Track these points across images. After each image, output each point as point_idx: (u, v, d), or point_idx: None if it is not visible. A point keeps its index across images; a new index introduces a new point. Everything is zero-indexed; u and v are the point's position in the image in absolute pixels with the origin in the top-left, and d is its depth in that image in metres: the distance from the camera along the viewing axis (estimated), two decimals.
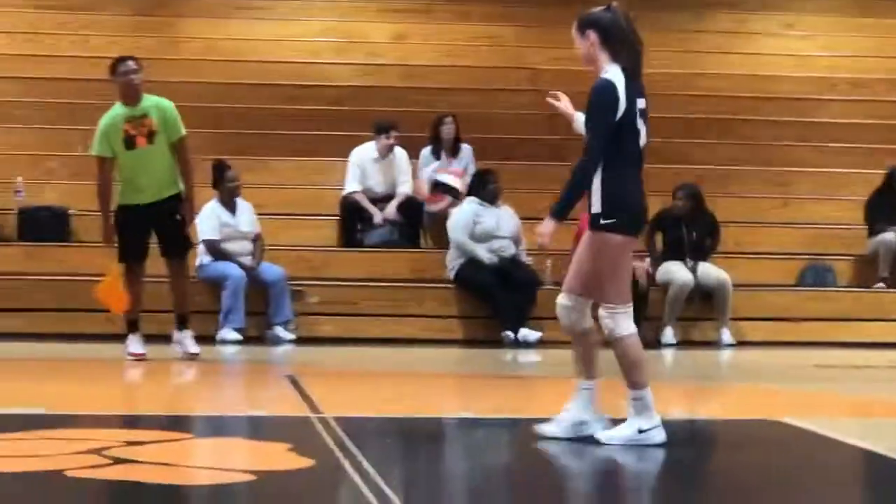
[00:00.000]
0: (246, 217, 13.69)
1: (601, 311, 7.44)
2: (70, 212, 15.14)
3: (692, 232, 15.08)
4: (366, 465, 6.60)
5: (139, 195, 11.49)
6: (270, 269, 13.48)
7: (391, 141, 15.08)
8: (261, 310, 13.52)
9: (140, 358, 11.69)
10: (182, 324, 11.82)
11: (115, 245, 11.54)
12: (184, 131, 11.68)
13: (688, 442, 8.68)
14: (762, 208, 17.05)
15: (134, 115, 11.54)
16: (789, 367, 13.54)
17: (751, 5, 20.26)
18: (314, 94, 17.70)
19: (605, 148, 7.27)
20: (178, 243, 11.68)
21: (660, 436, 7.02)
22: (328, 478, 6.77)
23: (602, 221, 7.00)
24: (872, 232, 16.07)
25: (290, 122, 16.51)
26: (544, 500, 6.61)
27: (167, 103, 11.77)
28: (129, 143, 11.46)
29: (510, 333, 13.95)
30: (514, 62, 18.84)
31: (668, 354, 14.18)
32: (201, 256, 13.23)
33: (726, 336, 14.70)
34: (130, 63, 11.63)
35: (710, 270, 14.84)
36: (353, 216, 15.36)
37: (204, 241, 13.32)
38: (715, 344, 14.73)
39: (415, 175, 15.53)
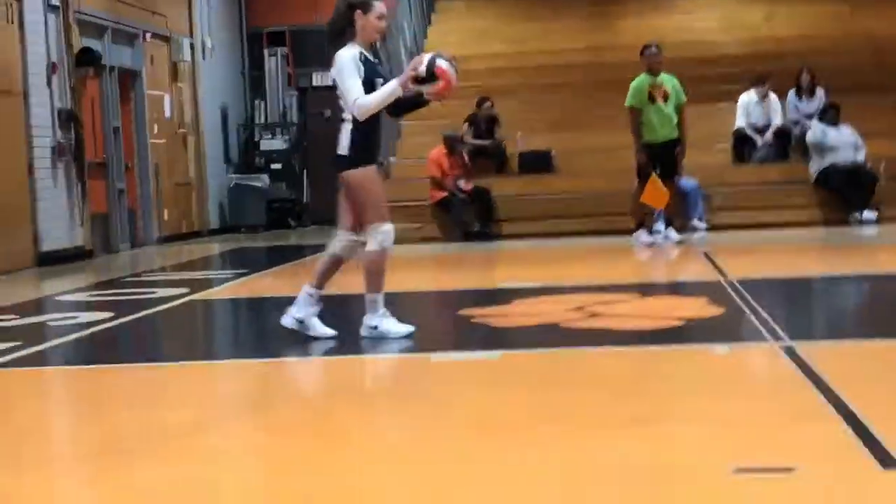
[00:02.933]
0: None
1: None
2: (552, 153, 17.22)
3: None
4: (761, 311, 7.55)
5: (654, 135, 13.44)
6: (687, 182, 14.97)
7: (766, 88, 16.77)
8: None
9: (650, 245, 13.47)
10: (669, 223, 13.84)
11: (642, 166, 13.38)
12: (685, 98, 13.73)
13: None
14: None
15: (654, 83, 13.55)
16: None
17: None
18: (714, 62, 18.87)
19: None
20: (673, 170, 13.60)
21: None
22: (735, 319, 7.73)
23: None
24: None
25: (701, 81, 17.16)
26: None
27: (676, 78, 13.76)
28: (652, 99, 13.49)
29: (857, 214, 15.54)
30: (853, 30, 19.74)
31: None
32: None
33: None
34: (654, 48, 13.66)
35: None
36: (742, 142, 17.02)
37: None
38: None
39: (784, 112, 17.02)
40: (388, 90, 6.79)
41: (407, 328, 7.02)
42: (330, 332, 7.10)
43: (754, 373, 6.05)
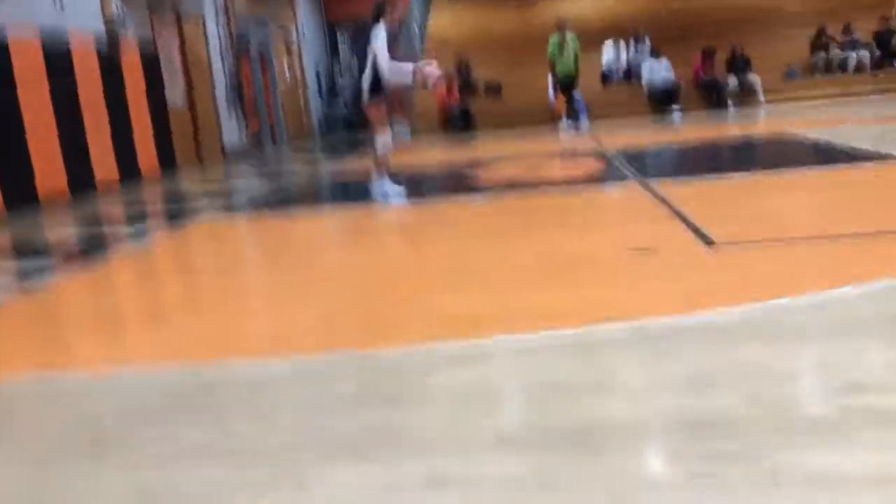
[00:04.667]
0: None
1: None
2: (501, 83, 17.02)
3: None
4: (626, 165, 7.60)
5: (562, 70, 13.18)
6: (578, 95, 13.96)
7: (618, 41, 16.43)
8: None
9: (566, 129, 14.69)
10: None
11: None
12: (578, 49, 13.31)
13: None
14: None
15: (562, 40, 13.07)
16: None
17: None
18: (590, 28, 17.10)
19: None
20: (571, 88, 13.45)
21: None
22: (613, 170, 7.44)
23: None
24: None
25: (585, 39, 15.37)
26: None
27: (574, 37, 13.12)
28: (561, 50, 13.10)
29: (671, 108, 15.01)
30: (663, 5, 18.62)
31: None
32: None
33: None
34: (562, 19, 13.19)
35: None
36: (605, 73, 16.40)
37: None
38: None
39: (627, 53, 16.54)
40: (404, 69, 6.27)
41: (396, 189, 6.50)
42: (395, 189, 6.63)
43: (627, 197, 5.93)
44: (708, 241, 3.92)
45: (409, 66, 6.34)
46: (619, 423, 1.96)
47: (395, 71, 6.28)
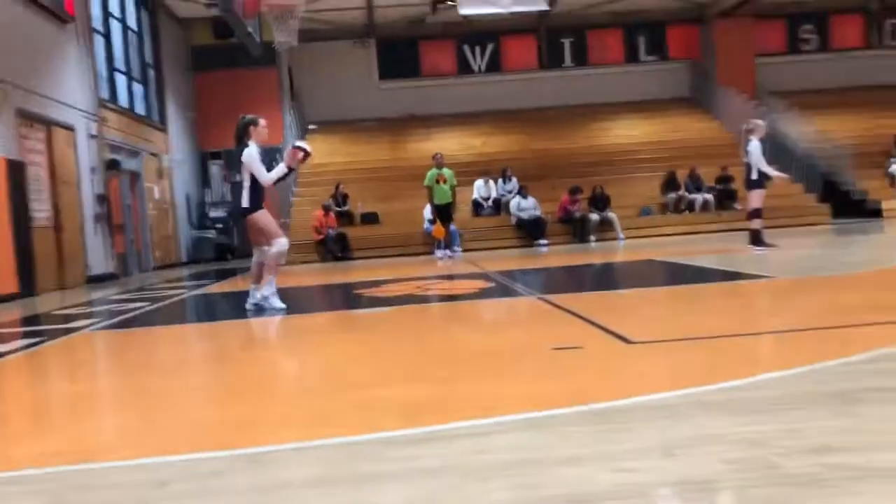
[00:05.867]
0: None
1: None
2: (378, 213, 17.35)
3: None
4: (513, 283, 8.16)
5: (439, 200, 14.43)
6: (452, 225, 13.90)
7: (488, 178, 17.01)
8: None
9: (440, 258, 14.34)
10: (445, 246, 15.52)
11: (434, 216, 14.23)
12: (455, 182, 13.32)
13: None
14: None
15: (440, 173, 13.23)
16: None
17: None
18: (460, 164, 17.47)
19: None
20: (448, 218, 14.28)
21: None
22: (503, 287, 8.33)
23: None
24: None
25: (459, 174, 15.64)
26: None
27: (450, 170, 13.60)
28: (437, 181, 13.62)
29: (538, 242, 15.57)
30: (528, 147, 19.80)
31: None
32: None
33: None
34: (439, 155, 13.21)
35: None
36: (476, 205, 16.90)
37: None
38: None
39: (497, 189, 17.14)
40: (281, 169, 6.54)
41: (282, 305, 6.46)
42: (282, 304, 6.57)
43: (531, 308, 6.03)
44: (626, 340, 4.03)
45: (281, 165, 6.56)
46: (606, 491, 1.93)
47: (275, 177, 6.50)
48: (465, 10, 18.95)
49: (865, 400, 2.57)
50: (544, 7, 19.27)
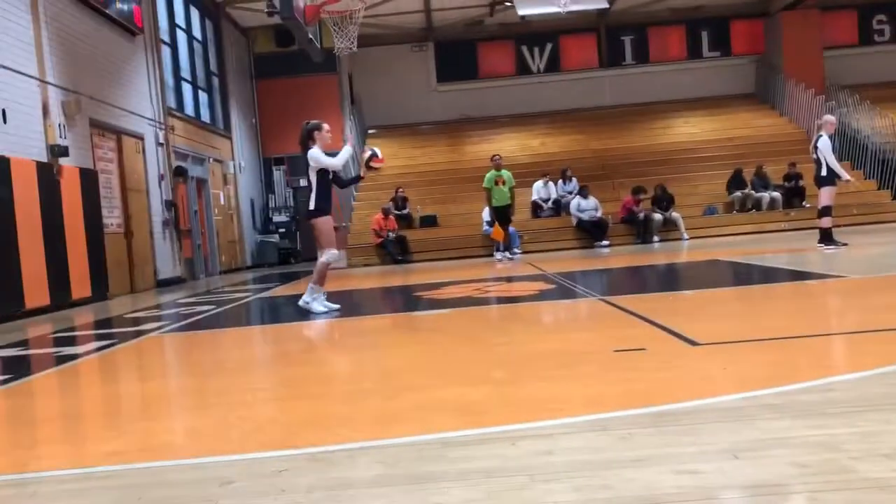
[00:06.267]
0: None
1: None
2: (437, 216, 16.88)
3: None
4: (575, 285, 8.00)
5: (498, 202, 13.08)
6: (511, 227, 14.06)
7: (547, 178, 16.74)
8: None
9: (500, 259, 14.60)
10: (505, 248, 14.83)
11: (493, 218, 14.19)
12: (514, 183, 13.01)
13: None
14: None
15: (498, 175, 12.96)
16: None
17: None
18: (519, 165, 17.46)
19: None
20: (507, 221, 13.96)
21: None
22: (564, 289, 8.41)
23: None
24: None
25: (517, 175, 15.36)
26: None
27: (509, 172, 13.13)
28: (496, 183, 12.82)
29: (599, 243, 15.39)
30: (587, 148, 19.57)
31: None
32: None
33: None
34: (497, 157, 12.96)
35: None
36: (536, 207, 16.66)
37: None
38: None
39: (556, 190, 16.91)
40: (347, 151, 6.78)
41: (324, 309, 6.58)
42: (334, 305, 6.77)
43: (592, 310, 5.97)
44: (691, 342, 3.95)
45: (347, 147, 6.82)
46: (671, 493, 1.88)
47: (345, 157, 6.70)
48: (523, 11, 18.87)
49: None
50: (604, 5, 19.05)
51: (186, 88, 16.84)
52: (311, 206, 6.60)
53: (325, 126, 6.77)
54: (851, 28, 21.67)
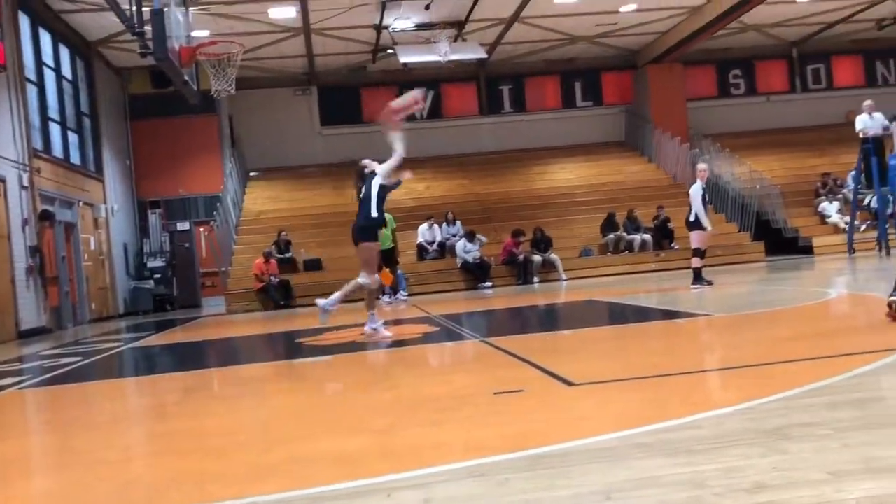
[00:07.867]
0: None
1: None
2: (322, 259, 17.14)
3: None
4: (458, 327, 8.07)
5: (383, 245, 13.81)
6: (398, 270, 15.10)
7: (432, 221, 16.94)
8: None
9: (387, 303, 14.59)
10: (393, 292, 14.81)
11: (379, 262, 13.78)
12: (395, 226, 14.73)
13: None
14: None
15: None
16: None
17: None
18: (403, 209, 18.14)
19: None
20: (393, 263, 14.67)
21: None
22: (448, 331, 8.20)
23: None
24: None
25: (402, 218, 15.90)
26: None
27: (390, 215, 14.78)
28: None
29: (483, 284, 15.75)
30: (470, 192, 20.03)
31: None
32: None
33: None
34: None
35: None
36: (421, 249, 16.91)
37: None
38: None
39: (441, 232, 17.55)
40: (398, 155, 6.97)
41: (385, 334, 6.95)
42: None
43: (474, 352, 5.98)
44: (567, 382, 4.02)
45: (396, 154, 6.96)
46: None
47: (395, 163, 6.99)
48: (404, 59, 19.16)
49: (795, 436, 2.60)
50: (482, 55, 19.61)
51: (55, 129, 16.07)
52: (374, 213, 6.91)
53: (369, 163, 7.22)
54: (711, 82, 23.21)
